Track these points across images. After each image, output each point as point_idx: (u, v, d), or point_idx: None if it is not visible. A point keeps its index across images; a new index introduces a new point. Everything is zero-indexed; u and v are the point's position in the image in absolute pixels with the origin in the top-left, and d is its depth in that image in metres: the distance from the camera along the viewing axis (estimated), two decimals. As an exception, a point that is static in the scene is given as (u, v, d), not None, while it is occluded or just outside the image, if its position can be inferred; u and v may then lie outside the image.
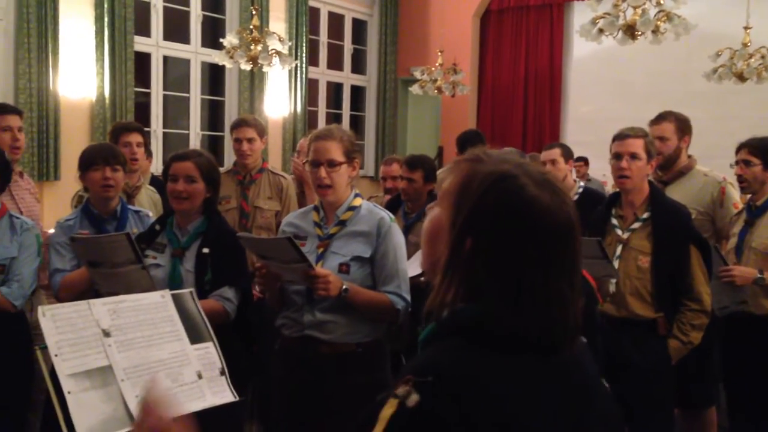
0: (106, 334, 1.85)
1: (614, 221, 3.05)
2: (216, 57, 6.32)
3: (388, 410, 0.99)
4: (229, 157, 8.36)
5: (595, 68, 9.15)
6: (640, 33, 5.07)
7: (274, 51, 6.11)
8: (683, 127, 3.80)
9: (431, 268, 1.16)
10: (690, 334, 2.93)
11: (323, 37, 9.55)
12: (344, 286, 2.44)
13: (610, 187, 8.25)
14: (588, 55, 9.09)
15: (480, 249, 1.07)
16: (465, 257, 1.07)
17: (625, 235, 3.00)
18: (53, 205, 5.49)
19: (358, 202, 2.65)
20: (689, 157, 3.83)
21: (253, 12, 6.30)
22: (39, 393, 3.07)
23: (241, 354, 2.75)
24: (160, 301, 2.01)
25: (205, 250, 2.70)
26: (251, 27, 6.16)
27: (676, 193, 3.48)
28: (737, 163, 3.45)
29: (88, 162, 3.09)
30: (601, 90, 9.17)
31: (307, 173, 4.34)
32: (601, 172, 8.55)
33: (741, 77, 6.44)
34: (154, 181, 4.17)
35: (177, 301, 2.05)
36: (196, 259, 2.71)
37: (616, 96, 8.93)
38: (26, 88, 6.34)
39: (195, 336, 2.02)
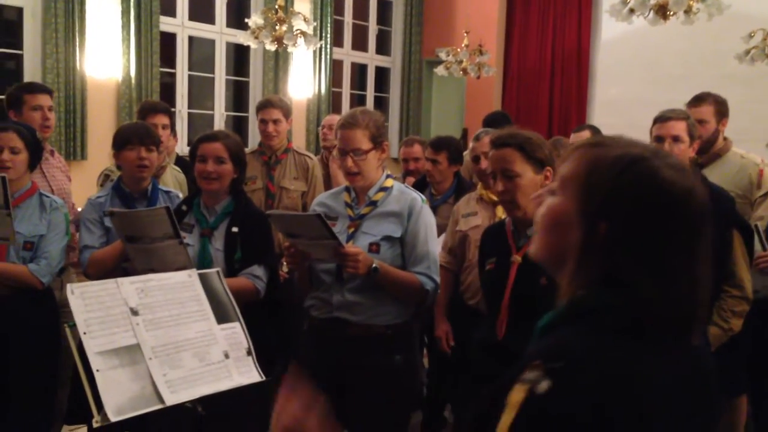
0: (134, 312, 1.86)
1: None
2: (241, 37, 6.30)
3: (517, 396, 0.97)
4: (254, 138, 8.36)
5: (624, 50, 8.99)
6: (672, 13, 4.95)
7: (299, 31, 6.07)
8: (722, 109, 3.71)
9: (552, 256, 1.15)
10: (731, 321, 2.86)
11: (348, 18, 9.49)
12: (374, 265, 2.43)
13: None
14: (617, 37, 8.93)
15: (616, 233, 1.06)
16: (599, 242, 1.06)
17: None
18: (80, 184, 5.51)
19: (389, 183, 2.64)
20: (725, 139, 3.74)
21: (279, -8, 6.26)
22: (67, 369, 3.11)
23: (270, 332, 2.77)
24: (188, 280, 2.01)
25: (234, 230, 2.72)
26: (276, 7, 6.13)
27: (713, 175, 3.40)
28: None
29: (123, 141, 3.10)
30: (629, 72, 9.01)
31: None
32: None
33: (774, 59, 6.29)
34: (179, 162, 4.18)
35: (204, 280, 2.05)
36: (225, 238, 2.73)
37: (644, 78, 8.78)
38: (53, 67, 6.37)
39: (222, 315, 2.02)
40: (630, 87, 8.98)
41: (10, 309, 2.96)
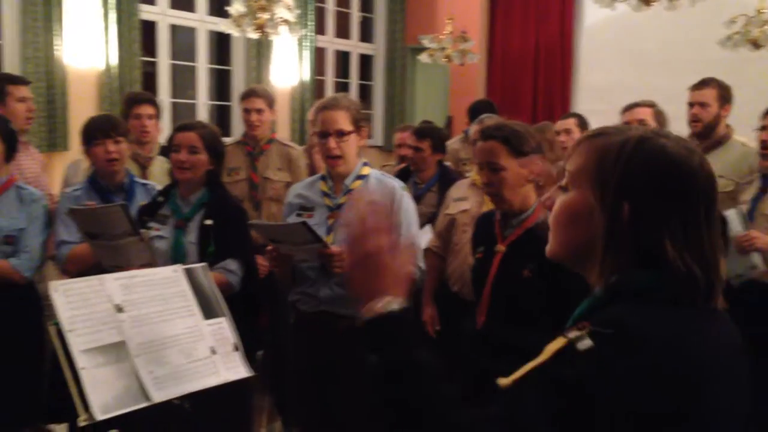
0: (119, 309, 1.84)
1: None
2: (222, 25, 6.23)
3: (555, 345, 1.00)
4: (237, 127, 8.30)
5: (608, 36, 9.00)
6: (655, -1, 4.96)
7: (281, 19, 6.01)
8: (725, 94, 3.71)
9: (575, 251, 1.16)
10: None
11: (330, 5, 9.42)
12: None
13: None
14: (600, 22, 8.93)
15: (640, 211, 1.08)
16: (625, 223, 1.08)
17: None
18: (63, 175, 5.48)
19: (366, 170, 2.62)
20: (727, 126, 3.74)
21: (260, -21, 6.18)
22: (46, 363, 3.08)
23: (246, 327, 2.74)
24: (173, 275, 1.99)
25: (208, 222, 2.68)
26: (258, -6, 6.05)
27: (714, 163, 3.39)
28: (763, 128, 3.38)
29: (89, 136, 3.06)
30: (613, 58, 9.02)
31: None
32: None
33: (756, 44, 6.32)
34: (163, 151, 4.14)
35: (190, 275, 2.03)
36: (198, 230, 2.69)
37: (628, 64, 8.79)
38: (33, 57, 6.27)
39: (208, 311, 2.01)
40: (613, 72, 8.99)
41: (-7, 303, 2.93)
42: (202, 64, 8.04)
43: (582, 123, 4.48)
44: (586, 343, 0.97)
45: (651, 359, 0.97)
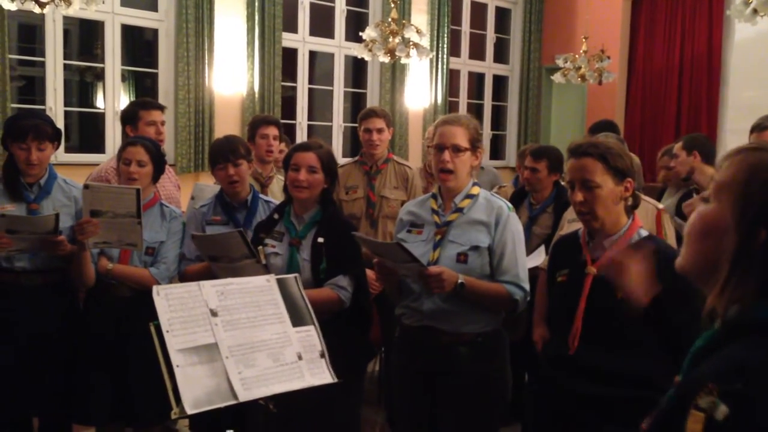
0: (214, 313, 1.99)
1: None
2: (356, 50, 6.48)
3: (694, 426, 0.91)
4: (371, 148, 8.54)
5: (760, 52, 8.44)
6: (800, 12, 4.63)
7: (412, 43, 6.16)
8: None
9: (703, 267, 1.09)
10: None
11: (465, 27, 9.51)
12: (460, 281, 2.44)
13: None
14: (752, 37, 8.40)
15: None
16: (759, 251, 1.00)
17: None
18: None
19: (476, 190, 2.65)
20: None
21: (392, 5, 6.39)
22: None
23: (355, 340, 2.84)
24: (266, 284, 2.13)
25: (320, 240, 2.79)
26: (390, 20, 6.25)
27: None
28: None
29: (213, 161, 3.33)
30: (765, 75, 8.45)
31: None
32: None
33: None
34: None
35: (281, 285, 2.16)
36: (311, 248, 2.80)
37: (782, 81, 8.21)
38: (185, 84, 6.82)
39: (297, 319, 2.12)
40: (765, 90, 8.42)
41: (133, 309, 3.21)
42: (339, 88, 8.38)
43: (687, 146, 4.15)
44: (722, 411, 0.88)
45: None
